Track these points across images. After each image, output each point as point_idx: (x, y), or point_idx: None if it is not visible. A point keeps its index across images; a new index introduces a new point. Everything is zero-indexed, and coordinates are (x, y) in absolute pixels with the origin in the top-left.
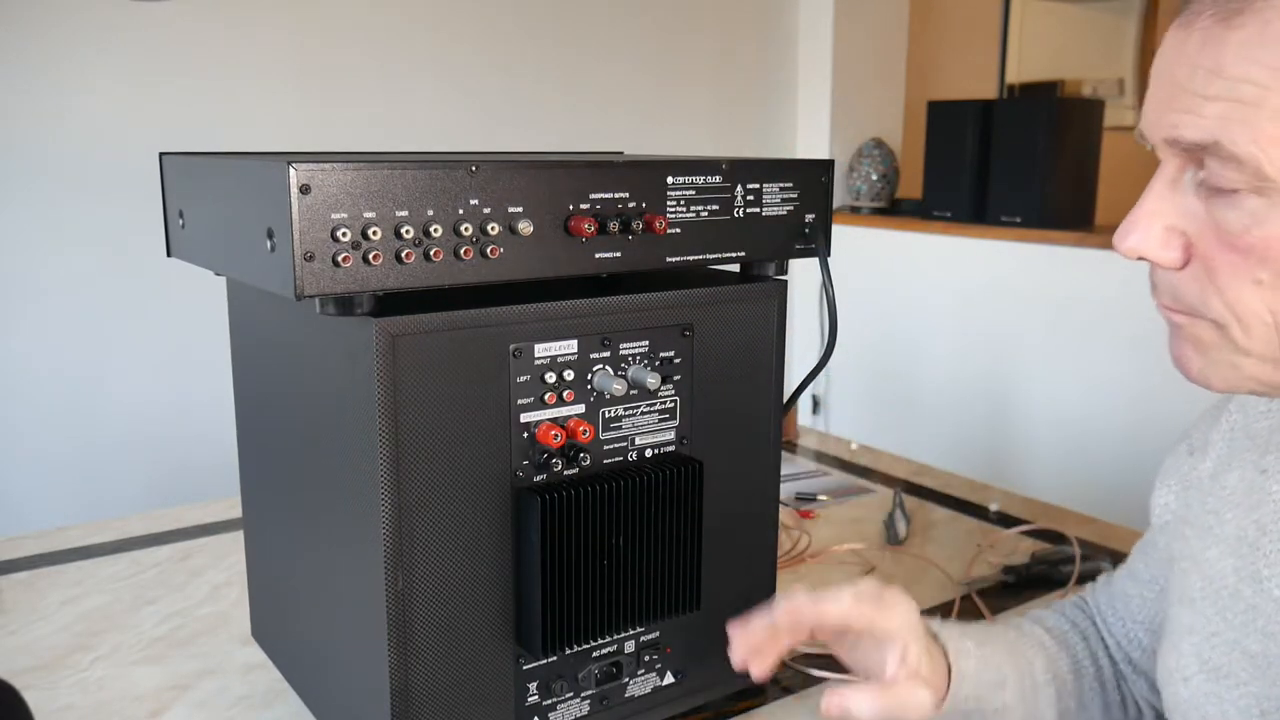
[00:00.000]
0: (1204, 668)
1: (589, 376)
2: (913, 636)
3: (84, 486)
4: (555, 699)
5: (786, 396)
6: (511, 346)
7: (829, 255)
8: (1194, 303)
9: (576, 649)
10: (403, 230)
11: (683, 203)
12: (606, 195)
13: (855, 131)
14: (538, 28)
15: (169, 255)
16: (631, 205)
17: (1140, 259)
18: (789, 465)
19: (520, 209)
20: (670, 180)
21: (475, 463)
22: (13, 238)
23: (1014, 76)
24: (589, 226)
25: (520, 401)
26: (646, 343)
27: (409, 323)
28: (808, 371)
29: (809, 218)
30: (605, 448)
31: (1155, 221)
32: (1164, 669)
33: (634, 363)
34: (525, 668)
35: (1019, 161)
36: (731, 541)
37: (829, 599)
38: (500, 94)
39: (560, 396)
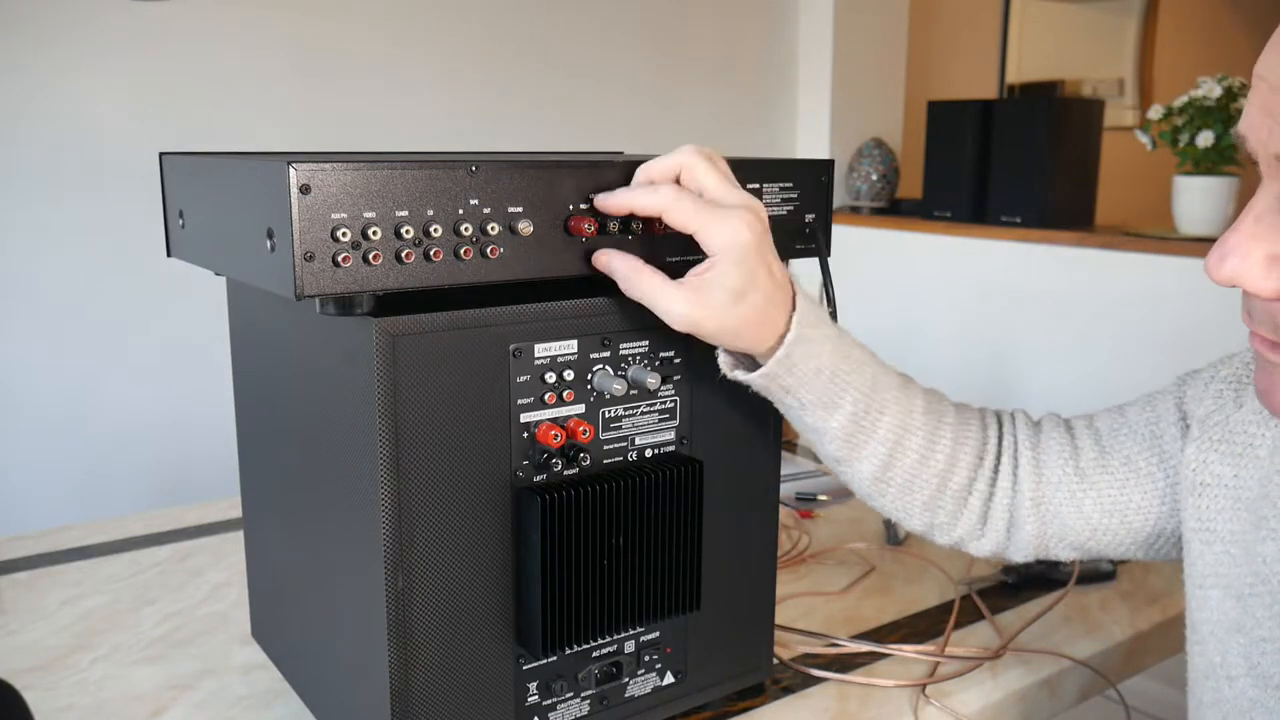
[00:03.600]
0: (1252, 671)
1: (589, 376)
2: (731, 265)
3: (84, 486)
4: (555, 699)
5: None
6: (511, 346)
7: (829, 255)
8: None
9: (576, 649)
10: (403, 230)
11: None
12: None
13: (855, 131)
14: (538, 28)
15: (169, 255)
16: None
17: (1235, 286)
18: (789, 465)
19: (520, 209)
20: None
21: (475, 463)
22: (12, 237)
23: (1014, 76)
24: (589, 226)
25: (520, 401)
26: (646, 343)
27: (409, 323)
28: None
29: (809, 218)
30: (605, 448)
31: (1256, 247)
32: (1203, 662)
33: (634, 363)
34: (525, 668)
35: (1019, 161)
36: (731, 541)
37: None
38: (500, 94)
39: (560, 396)
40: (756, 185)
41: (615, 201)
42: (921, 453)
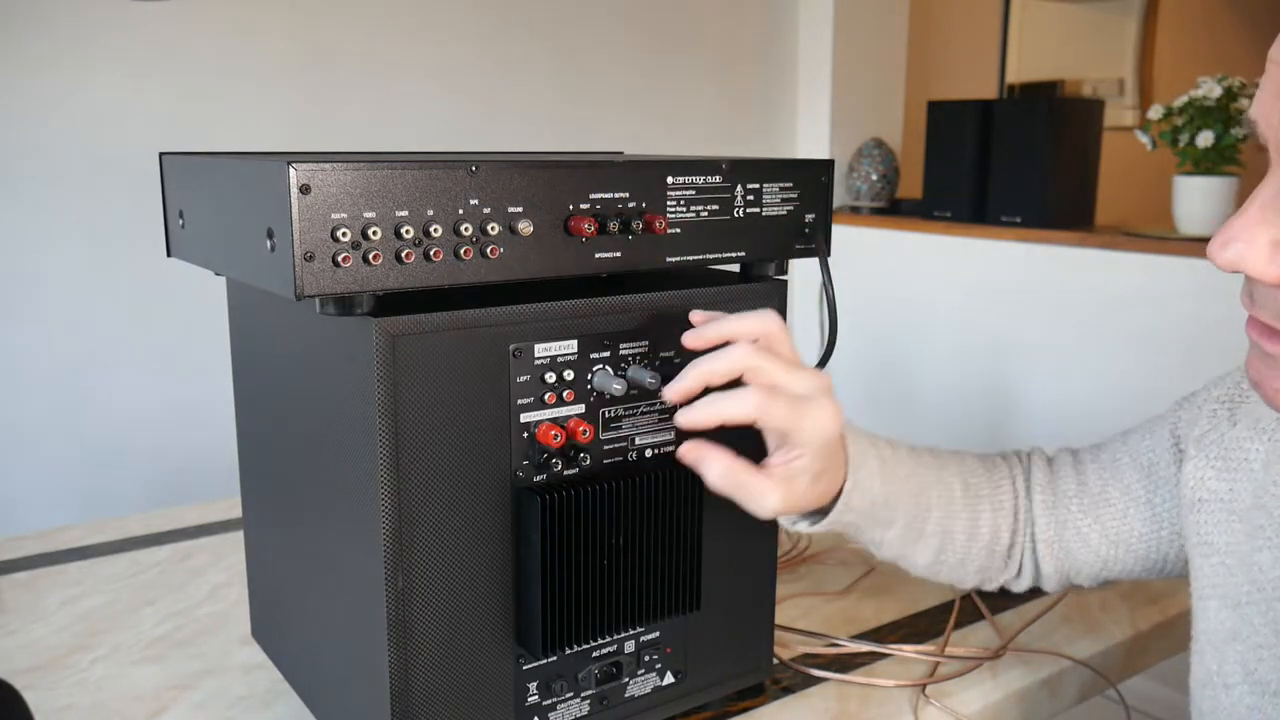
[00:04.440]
0: (1248, 678)
1: (589, 376)
2: (817, 452)
3: (84, 486)
4: (555, 699)
5: None
6: (511, 346)
7: (829, 255)
8: None
9: (576, 649)
10: (403, 230)
11: (683, 203)
12: (606, 195)
13: (855, 131)
14: (538, 28)
15: (169, 255)
16: (631, 205)
17: (1237, 272)
18: None
19: (520, 209)
20: (670, 180)
21: (475, 463)
22: (12, 237)
23: (1014, 76)
24: (589, 226)
25: (520, 401)
26: (646, 343)
27: (409, 323)
28: None
29: (809, 218)
30: (605, 448)
31: (1261, 233)
32: (1201, 670)
33: (634, 363)
34: (525, 668)
35: (1019, 161)
36: (731, 541)
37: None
38: (500, 94)
39: (560, 396)
40: (757, 185)
41: (687, 386)
42: (968, 534)
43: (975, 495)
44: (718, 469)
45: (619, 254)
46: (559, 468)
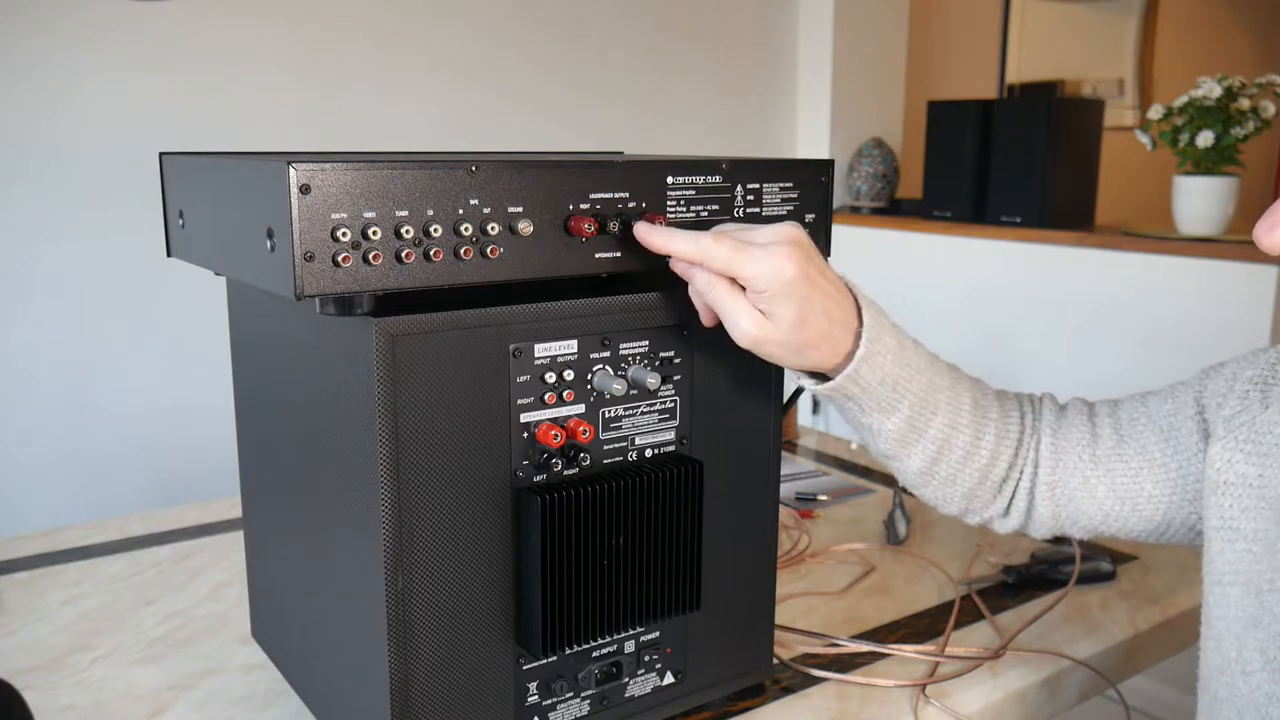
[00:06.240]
0: (1268, 666)
1: (589, 376)
2: (779, 294)
3: (84, 486)
4: (555, 699)
5: (786, 396)
6: (511, 346)
7: (829, 255)
8: None
9: (576, 649)
10: (403, 230)
11: (683, 203)
12: (606, 195)
13: (855, 131)
14: (538, 28)
15: (169, 255)
16: (631, 205)
17: None
18: (789, 465)
19: (520, 209)
20: (670, 180)
21: (475, 463)
22: (12, 237)
23: (1014, 76)
24: (589, 226)
25: (520, 401)
26: (646, 343)
27: (409, 323)
28: None
29: (809, 218)
30: (605, 448)
31: None
32: (1218, 657)
33: (634, 363)
34: (525, 668)
35: (1019, 161)
36: (731, 541)
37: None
38: (500, 94)
39: (560, 396)
40: (757, 185)
41: (656, 240)
42: (967, 449)
43: (983, 415)
44: (704, 275)
45: (619, 254)
46: (559, 468)
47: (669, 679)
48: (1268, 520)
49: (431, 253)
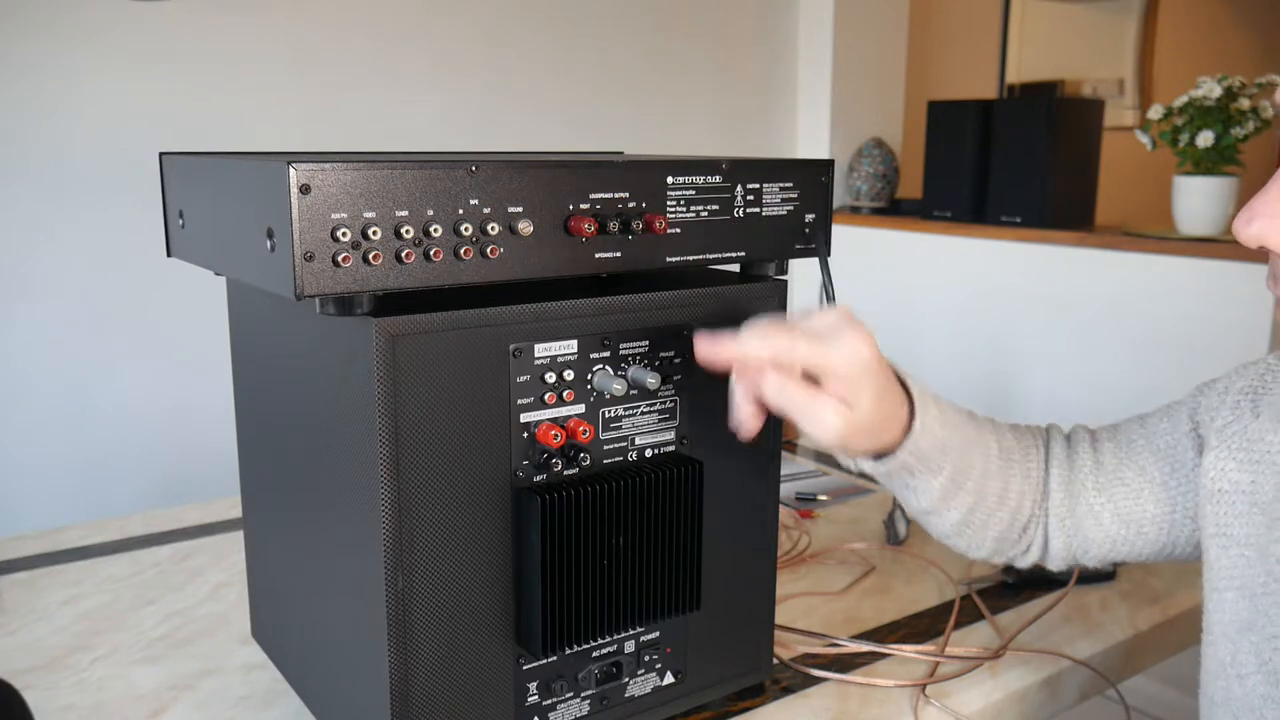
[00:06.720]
0: (1263, 668)
1: (589, 376)
2: (858, 380)
3: (84, 486)
4: (555, 699)
5: None
6: (511, 346)
7: (829, 255)
8: None
9: (576, 649)
10: (403, 230)
11: (683, 203)
12: (606, 195)
13: (855, 131)
14: (538, 28)
15: (169, 255)
16: (631, 205)
17: (1261, 247)
18: (789, 465)
19: (520, 209)
20: (670, 180)
21: (475, 463)
22: (12, 237)
23: (1014, 76)
24: (589, 226)
25: (520, 401)
26: (646, 343)
27: (409, 323)
28: None
29: (809, 218)
30: (605, 448)
31: None
32: (1214, 661)
33: (634, 363)
34: (525, 668)
35: (1019, 161)
36: (731, 541)
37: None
38: (500, 94)
39: (560, 396)
40: (757, 185)
41: (723, 351)
42: (999, 496)
43: (1008, 459)
44: (774, 381)
45: (619, 254)
46: (559, 468)
47: (669, 679)
48: (1259, 525)
49: (431, 253)
